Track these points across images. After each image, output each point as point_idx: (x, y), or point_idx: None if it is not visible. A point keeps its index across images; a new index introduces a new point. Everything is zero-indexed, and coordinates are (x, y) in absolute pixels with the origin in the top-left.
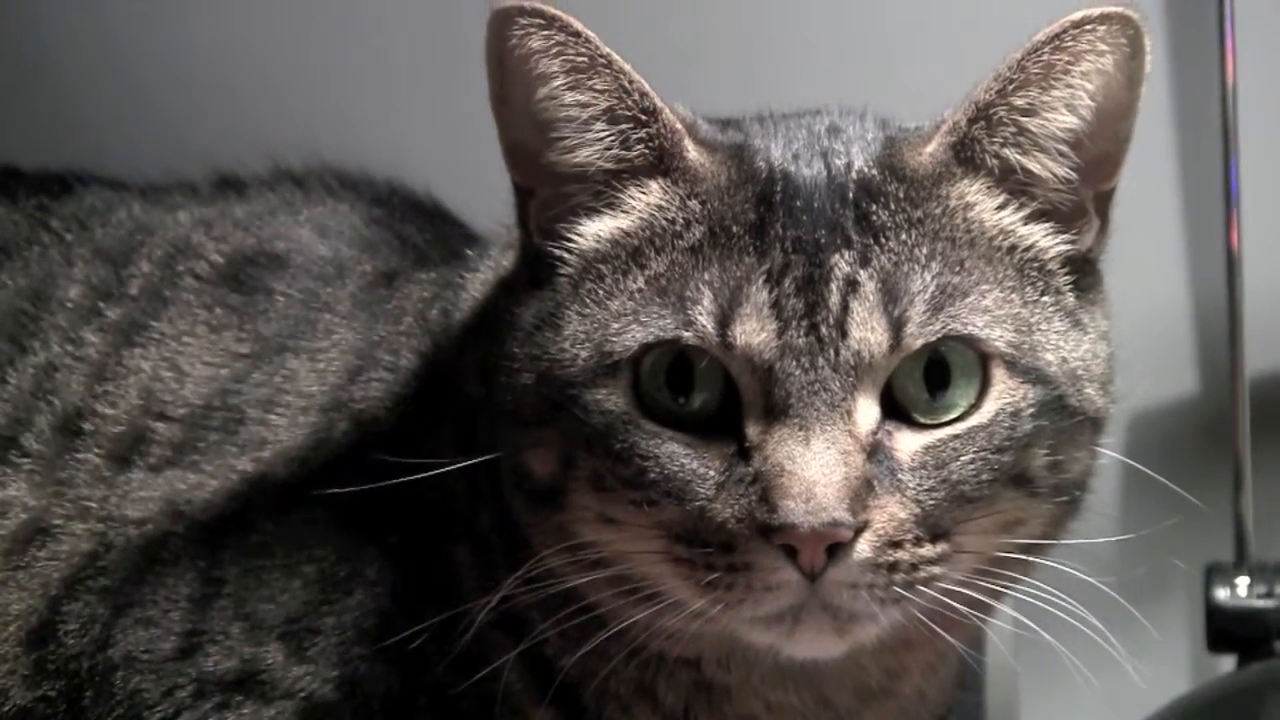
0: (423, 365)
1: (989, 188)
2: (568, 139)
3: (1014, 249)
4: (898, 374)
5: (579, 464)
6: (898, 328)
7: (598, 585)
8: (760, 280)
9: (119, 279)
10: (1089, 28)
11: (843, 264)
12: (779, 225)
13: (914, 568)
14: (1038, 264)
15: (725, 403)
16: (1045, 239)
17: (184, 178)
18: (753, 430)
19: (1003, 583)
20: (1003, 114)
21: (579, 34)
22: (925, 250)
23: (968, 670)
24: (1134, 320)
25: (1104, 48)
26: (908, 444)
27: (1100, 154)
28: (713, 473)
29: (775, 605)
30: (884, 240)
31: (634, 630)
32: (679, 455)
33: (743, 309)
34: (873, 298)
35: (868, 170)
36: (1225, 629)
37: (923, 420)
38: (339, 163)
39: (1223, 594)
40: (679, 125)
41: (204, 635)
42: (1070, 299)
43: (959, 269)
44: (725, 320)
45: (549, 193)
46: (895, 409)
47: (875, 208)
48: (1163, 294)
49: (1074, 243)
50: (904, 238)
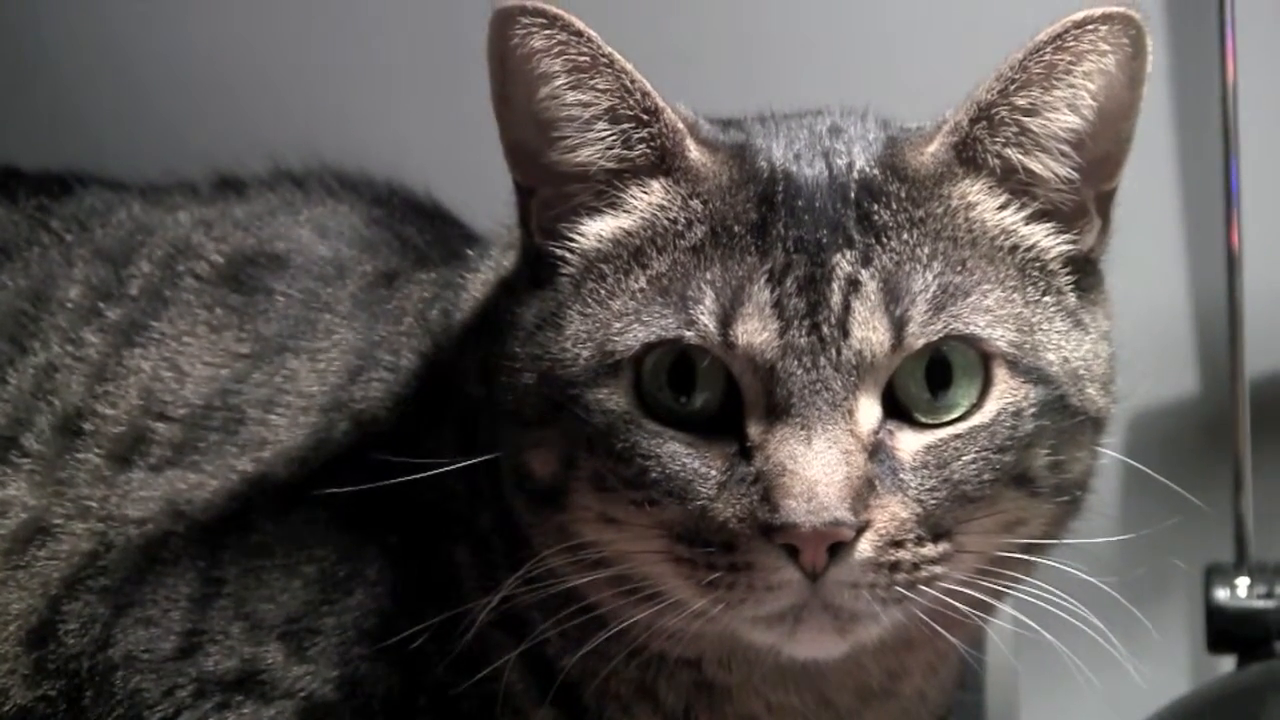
0: (423, 365)
1: (991, 187)
2: (569, 138)
3: (1016, 249)
4: (899, 374)
5: (580, 464)
6: (899, 327)
7: (599, 585)
8: (762, 280)
9: (119, 279)
10: (1091, 28)
11: (844, 263)
12: (781, 225)
13: (915, 567)
14: (1039, 264)
15: (727, 402)
16: (1047, 239)
17: (184, 178)
18: (754, 430)
19: (1004, 582)
20: (1004, 114)
21: (581, 33)
22: (927, 250)
23: (968, 670)
24: (1134, 320)
25: (1106, 48)
26: (909, 443)
27: (1102, 154)
28: (714, 472)
29: (776, 605)
30: (886, 240)
31: (635, 630)
32: (680, 455)
33: (744, 308)
34: (874, 297)
35: (869, 170)
36: (1225, 629)
37: (924, 420)
38: (339, 163)
39: (1223, 594)
40: (681, 125)
41: (204, 635)
42: (1072, 299)
43: (961, 269)
44: (727, 320)
45: (550, 192)
46: (897, 409)
47: (877, 207)
48: (1163, 294)
49: (1075, 243)
50: (906, 237)
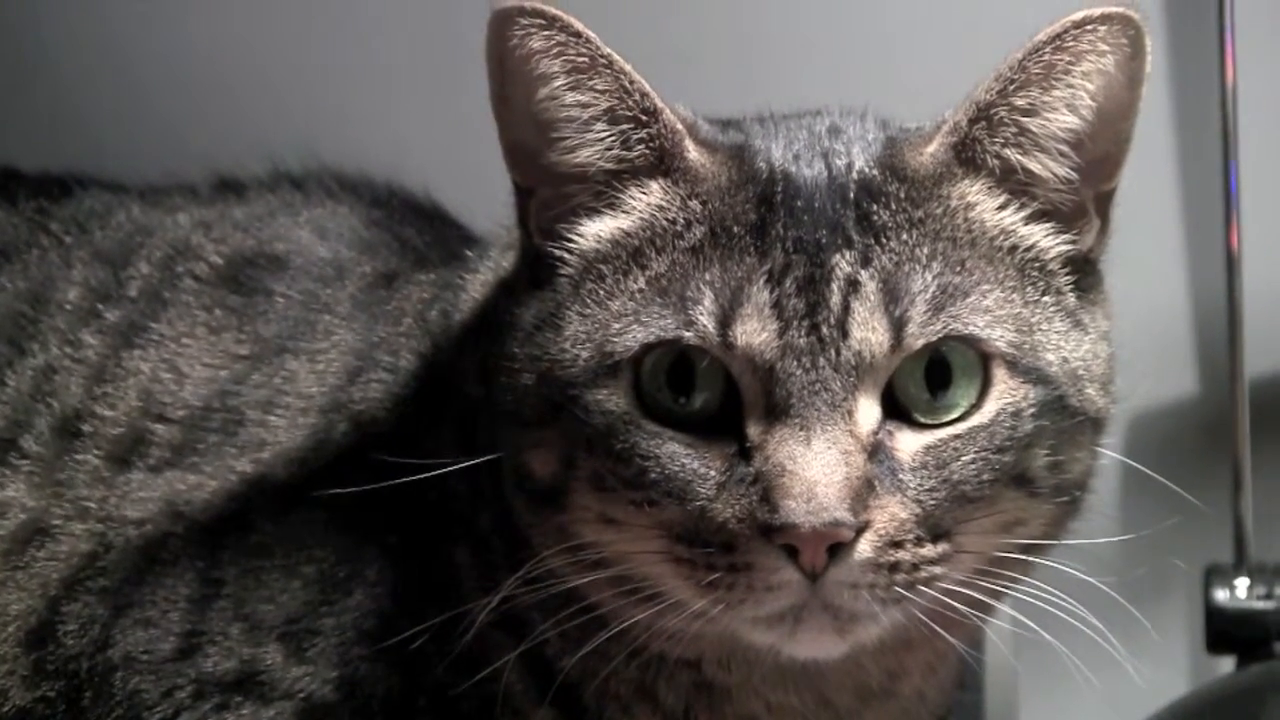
0: (422, 366)
1: (990, 188)
2: (568, 139)
3: (1015, 249)
4: (899, 374)
5: (580, 464)
6: (899, 328)
7: (598, 585)
8: (761, 280)
9: (118, 281)
10: (1090, 28)
11: (844, 264)
12: (780, 225)
13: (915, 568)
14: (1039, 264)
15: (726, 403)
16: (1046, 239)
17: (183, 179)
18: (754, 430)
19: (1003, 583)
20: (1004, 114)
21: (580, 34)
22: (926, 250)
23: (968, 670)
24: (1134, 320)
25: (1105, 48)
26: (909, 444)
27: (1101, 154)
28: (714, 473)
29: (776, 605)
30: (885, 240)
31: (635, 631)
32: (680, 455)
33: (744, 309)
34: (874, 298)
35: (869, 170)
36: (1225, 630)
37: (924, 420)
38: (338, 164)
39: (1222, 595)
40: (680, 126)
41: (203, 636)
42: (1071, 299)
43: (960, 269)
44: (726, 320)
45: (549, 193)
46: (896, 409)
47: (876, 208)
48: (1163, 294)
49: (1075, 243)
50: (905, 238)
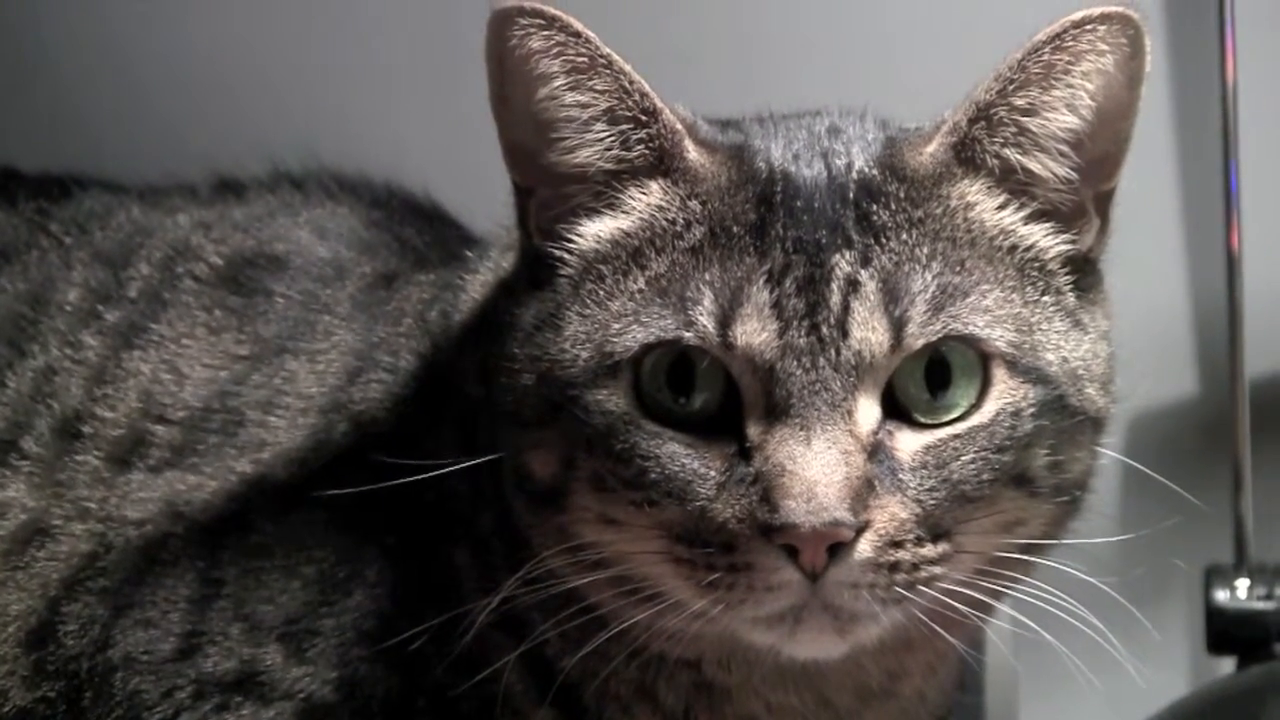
0: (422, 366)
1: (989, 188)
2: (568, 139)
3: (1014, 249)
4: (899, 374)
5: (580, 465)
6: (899, 328)
7: (598, 586)
8: (761, 280)
9: (118, 282)
10: (1089, 28)
11: (843, 264)
12: (779, 225)
13: (915, 568)
14: (1038, 264)
15: (726, 403)
16: (1046, 239)
17: (183, 180)
18: (754, 430)
19: (1003, 583)
20: (1003, 114)
21: (579, 34)
22: (926, 250)
23: (968, 671)
24: (1134, 321)
25: (1104, 48)
26: (909, 444)
27: (1100, 154)
28: (714, 473)
29: (776, 605)
30: (885, 240)
31: (635, 631)
32: (680, 455)
33: (743, 309)
34: (874, 298)
35: (868, 170)
36: (1225, 631)
37: (923, 420)
38: (338, 165)
39: (1222, 596)
40: (679, 126)
41: (203, 636)
42: (1071, 299)
43: (960, 269)
44: (726, 320)
45: (549, 193)
46: (896, 409)
47: (876, 208)
48: (1163, 294)
49: (1074, 243)
50: (905, 238)
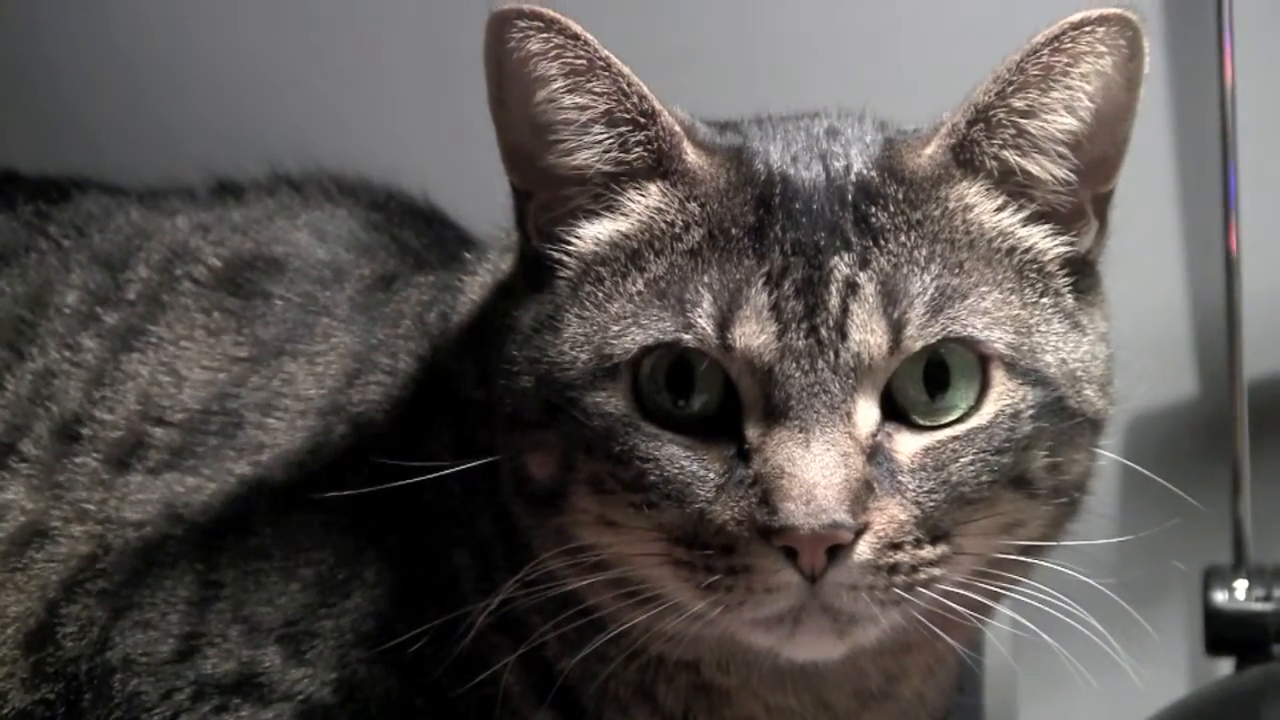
0: (421, 368)
1: (988, 189)
2: (566, 142)
3: (1013, 251)
4: (897, 376)
5: (579, 466)
6: (897, 330)
7: (597, 588)
8: (760, 283)
9: (117, 284)
10: (1088, 29)
11: (842, 266)
12: (778, 228)
13: (914, 569)
14: (1037, 266)
15: (725, 405)
16: (1044, 241)
17: (182, 182)
18: (753, 432)
19: (1002, 584)
20: (1002, 116)
21: (578, 36)
22: (924, 252)
23: (967, 672)
24: (1133, 322)
25: (1103, 49)
26: (907, 446)
27: (1099, 156)
28: (713, 475)
29: (775, 607)
30: (883, 242)
31: (634, 633)
32: (679, 457)
33: (742, 311)
34: (872, 300)
35: (867, 172)
36: (1224, 632)
37: (922, 422)
38: (337, 167)
39: (1221, 597)
40: (677, 128)
41: (202, 638)
42: (1069, 300)
43: (958, 271)
44: (725, 323)
45: (547, 195)
46: (895, 411)
47: (874, 210)
48: (1161, 296)
49: (1073, 244)
50: (903, 240)
